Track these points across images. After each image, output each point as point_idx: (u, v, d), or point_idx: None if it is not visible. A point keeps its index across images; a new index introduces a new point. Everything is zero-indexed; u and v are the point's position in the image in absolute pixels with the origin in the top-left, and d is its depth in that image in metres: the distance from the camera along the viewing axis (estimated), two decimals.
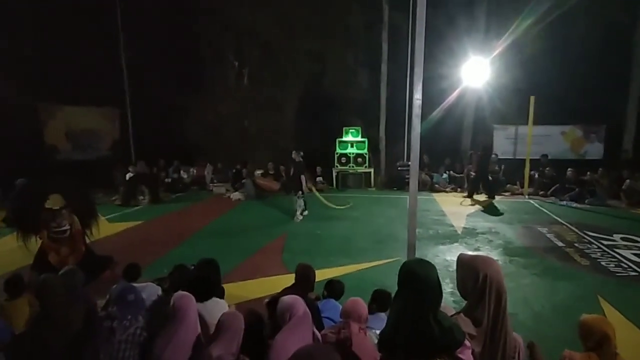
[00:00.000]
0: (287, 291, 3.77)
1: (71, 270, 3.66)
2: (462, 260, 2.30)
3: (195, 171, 13.97)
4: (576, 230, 8.14)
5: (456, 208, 10.32)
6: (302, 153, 9.46)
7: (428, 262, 2.04)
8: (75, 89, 12.27)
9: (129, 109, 14.33)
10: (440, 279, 1.98)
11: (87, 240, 5.65)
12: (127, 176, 11.59)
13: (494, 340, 2.10)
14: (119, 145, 14.64)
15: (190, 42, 14.65)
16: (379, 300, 3.64)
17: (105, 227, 7.73)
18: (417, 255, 4.42)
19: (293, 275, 3.87)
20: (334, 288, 3.97)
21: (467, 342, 1.97)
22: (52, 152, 12.33)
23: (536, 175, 12.38)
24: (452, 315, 2.17)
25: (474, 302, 2.16)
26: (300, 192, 9.16)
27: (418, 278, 1.93)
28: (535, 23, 11.78)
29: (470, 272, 2.18)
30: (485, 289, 2.11)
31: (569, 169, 11.73)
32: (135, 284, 3.86)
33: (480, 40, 12.98)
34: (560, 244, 7.31)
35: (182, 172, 13.87)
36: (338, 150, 13.79)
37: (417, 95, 3.90)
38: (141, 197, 11.36)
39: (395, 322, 1.98)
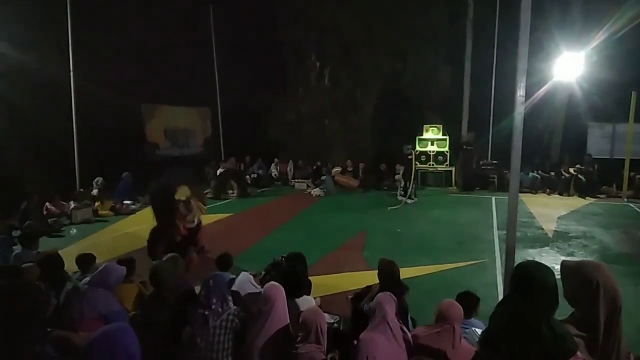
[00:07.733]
0: (371, 288, 3.84)
1: (174, 257, 3.94)
2: (568, 267, 2.11)
3: (278, 167, 14.68)
4: None
5: (545, 209, 9.83)
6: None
7: (545, 266, 1.94)
8: (172, 90, 13.36)
9: (220, 109, 15.38)
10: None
11: None
12: (218, 171, 12.51)
13: (606, 350, 1.94)
14: (211, 143, 15.82)
15: (275, 44, 15.33)
16: (465, 303, 3.34)
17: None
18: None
19: (375, 271, 3.83)
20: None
21: (578, 353, 1.84)
22: (153, 148, 13.59)
23: (637, 177, 11.40)
24: None
25: (585, 310, 2.01)
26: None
27: (535, 282, 1.85)
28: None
29: (579, 279, 2.01)
30: (599, 296, 1.95)
31: None
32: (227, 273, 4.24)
33: (575, 32, 12.15)
34: None
35: (271, 167, 14.66)
36: (418, 148, 13.59)
37: (520, 92, 3.63)
38: (230, 192, 12.20)
39: (503, 324, 1.92)
